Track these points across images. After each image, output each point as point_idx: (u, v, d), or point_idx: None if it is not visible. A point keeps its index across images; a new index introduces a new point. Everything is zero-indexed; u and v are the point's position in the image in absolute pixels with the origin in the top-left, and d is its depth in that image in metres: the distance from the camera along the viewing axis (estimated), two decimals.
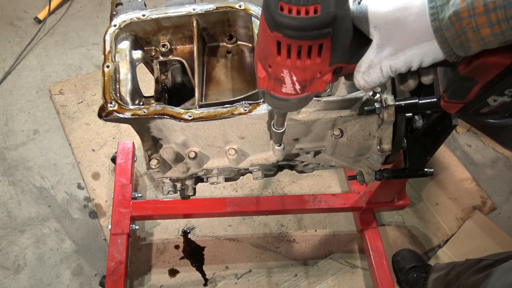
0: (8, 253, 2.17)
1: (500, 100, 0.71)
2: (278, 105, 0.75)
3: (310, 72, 0.63)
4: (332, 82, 0.72)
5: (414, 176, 1.34)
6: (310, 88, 0.67)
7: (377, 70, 0.68)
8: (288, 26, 0.56)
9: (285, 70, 0.63)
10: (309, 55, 0.60)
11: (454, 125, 1.11)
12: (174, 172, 1.28)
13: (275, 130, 1.02)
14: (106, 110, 1.07)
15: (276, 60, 0.61)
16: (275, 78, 0.66)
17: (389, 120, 1.11)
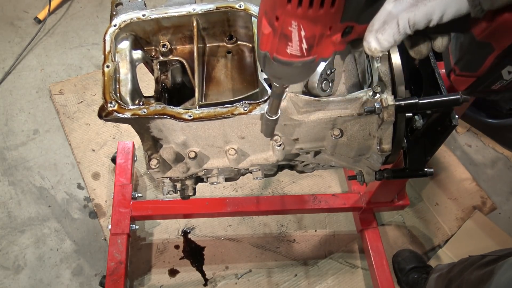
0: (8, 253, 2.17)
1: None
2: (279, 72, 0.69)
3: (321, 25, 0.58)
4: (338, 49, 0.65)
5: (414, 176, 1.34)
6: (317, 49, 0.62)
7: (394, 25, 0.61)
8: None
9: (293, 22, 0.58)
10: (322, 3, 0.55)
11: (454, 125, 1.11)
12: (174, 172, 1.28)
13: (268, 117, 0.95)
14: (106, 110, 1.07)
15: (286, 8, 0.56)
16: (281, 34, 0.60)
17: (389, 120, 1.11)
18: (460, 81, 0.69)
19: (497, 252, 1.56)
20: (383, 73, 1.15)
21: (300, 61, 0.64)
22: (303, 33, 0.59)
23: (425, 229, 2.32)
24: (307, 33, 0.59)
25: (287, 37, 0.60)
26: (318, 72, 1.21)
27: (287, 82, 0.79)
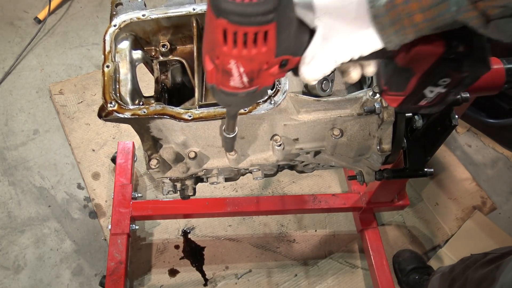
0: (8, 253, 2.17)
1: (436, 91, 0.74)
2: (227, 100, 0.74)
3: (257, 62, 0.64)
4: (279, 77, 0.72)
5: (414, 176, 1.34)
6: (257, 81, 0.68)
7: (321, 61, 0.68)
8: (233, 12, 0.56)
9: (232, 61, 0.63)
10: (255, 43, 0.60)
11: (454, 125, 1.11)
12: (174, 172, 1.28)
13: (225, 135, 1.01)
14: (106, 110, 1.07)
15: (223, 49, 0.61)
16: (222, 70, 0.65)
17: (389, 120, 1.11)
18: (391, 100, 0.78)
19: (500, 249, 1.56)
20: None
21: (244, 92, 0.69)
22: (242, 69, 0.64)
23: (425, 229, 2.32)
24: (246, 69, 0.64)
25: (228, 73, 0.65)
26: None
27: (236, 108, 0.86)
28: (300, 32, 0.68)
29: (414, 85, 0.73)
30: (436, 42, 0.65)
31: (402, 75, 0.73)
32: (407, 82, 0.73)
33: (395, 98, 0.78)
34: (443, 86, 0.72)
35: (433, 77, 0.71)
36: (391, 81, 0.75)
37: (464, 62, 0.67)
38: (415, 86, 0.74)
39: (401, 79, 0.74)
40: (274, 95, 1.09)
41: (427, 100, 0.77)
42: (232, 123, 0.97)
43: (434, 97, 0.76)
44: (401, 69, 0.71)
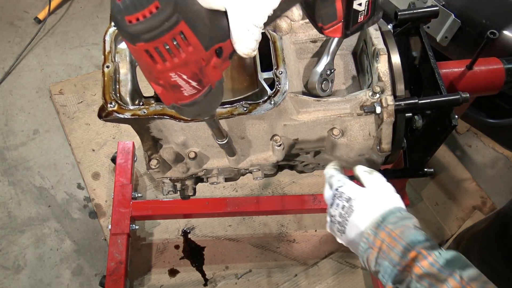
0: (8, 253, 2.17)
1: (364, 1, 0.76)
2: (194, 111, 0.76)
3: (193, 63, 0.65)
4: (224, 67, 0.74)
5: (414, 176, 1.34)
6: (206, 79, 0.69)
7: (245, 33, 0.70)
8: (143, 31, 0.59)
9: (172, 74, 0.65)
10: (179, 47, 0.62)
11: (454, 125, 1.11)
12: (174, 172, 1.28)
13: (220, 143, 1.02)
14: (106, 111, 1.07)
15: (158, 68, 0.64)
16: (170, 87, 0.67)
17: (388, 120, 1.11)
18: (332, 31, 0.80)
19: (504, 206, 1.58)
20: (383, 73, 1.15)
21: (201, 95, 0.71)
22: (185, 76, 0.66)
23: (425, 229, 2.30)
24: (188, 75, 0.66)
25: (177, 86, 0.67)
26: (318, 72, 1.21)
27: (207, 114, 0.86)
28: (216, 19, 0.69)
29: (342, 7, 0.76)
30: None
31: (326, 5, 0.75)
32: (334, 8, 0.76)
33: (334, 28, 0.80)
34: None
35: None
36: (321, 15, 0.77)
37: None
38: (344, 8, 0.76)
39: (327, 8, 0.76)
40: (274, 95, 1.09)
41: (362, 14, 0.79)
42: (217, 130, 0.97)
43: (366, 8, 0.78)
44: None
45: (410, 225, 0.85)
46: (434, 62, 1.21)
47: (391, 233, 0.83)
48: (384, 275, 0.84)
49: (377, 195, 0.92)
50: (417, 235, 0.83)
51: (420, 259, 0.79)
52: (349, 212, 0.91)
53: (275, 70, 1.12)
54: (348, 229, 0.92)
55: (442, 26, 1.78)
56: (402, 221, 0.85)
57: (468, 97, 1.08)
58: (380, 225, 0.85)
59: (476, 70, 1.33)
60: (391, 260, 0.82)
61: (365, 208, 0.90)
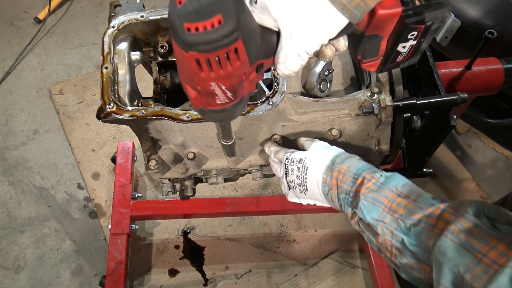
0: (8, 253, 2.17)
1: (408, 45, 0.78)
2: (219, 117, 0.78)
3: (236, 77, 0.66)
4: (258, 80, 0.75)
5: (413, 176, 1.34)
6: (241, 92, 0.71)
7: (295, 56, 0.72)
8: (200, 43, 0.59)
9: (212, 83, 0.66)
10: (229, 61, 0.63)
11: (453, 125, 1.11)
12: (173, 173, 1.28)
13: (224, 144, 1.04)
14: (105, 112, 1.07)
15: (201, 76, 0.64)
16: (206, 94, 0.68)
17: (387, 120, 1.11)
18: (370, 66, 0.83)
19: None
20: (381, 74, 1.15)
21: (231, 105, 0.72)
22: (224, 87, 0.67)
23: None
24: (227, 86, 0.67)
25: (212, 94, 0.68)
26: (317, 73, 1.21)
27: (228, 121, 0.91)
28: (267, 36, 0.71)
29: (385, 47, 0.78)
30: (393, 3, 0.70)
31: (372, 42, 0.76)
32: (379, 46, 0.78)
33: (372, 63, 0.82)
34: (413, 39, 0.76)
35: (401, 35, 0.74)
36: (364, 50, 0.78)
37: (425, 13, 0.72)
38: (387, 48, 0.78)
39: (372, 45, 0.77)
40: (272, 96, 1.09)
41: (403, 55, 0.80)
42: (227, 132, 0.99)
43: (408, 50, 0.79)
44: (369, 36, 0.75)
45: (354, 160, 1.00)
46: (433, 62, 1.21)
47: (341, 170, 0.98)
48: (344, 205, 0.99)
49: (322, 149, 1.07)
50: (361, 165, 0.97)
51: (365, 182, 0.92)
52: (304, 169, 1.04)
53: (273, 71, 1.12)
54: (309, 185, 1.04)
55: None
56: (347, 159, 1.00)
57: (466, 97, 1.08)
58: (332, 167, 1.00)
59: (475, 70, 1.33)
60: (345, 191, 0.97)
61: (316, 160, 1.03)
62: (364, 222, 0.92)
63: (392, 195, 0.88)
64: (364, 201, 0.91)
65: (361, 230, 0.97)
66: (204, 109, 0.73)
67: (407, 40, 0.76)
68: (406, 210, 0.85)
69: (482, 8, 1.74)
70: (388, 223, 0.87)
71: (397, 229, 0.85)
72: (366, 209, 0.91)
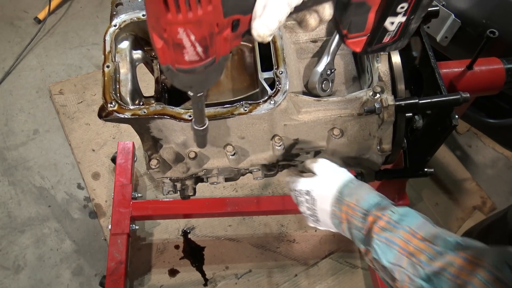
0: (8, 253, 2.17)
1: (397, 21, 0.73)
2: (188, 81, 0.71)
3: (207, 24, 0.61)
4: (235, 44, 0.68)
5: (414, 176, 1.34)
6: (213, 49, 0.65)
7: (273, 8, 0.65)
8: None
9: (180, 29, 0.60)
10: (198, 3, 0.58)
11: (454, 125, 1.11)
12: (174, 172, 1.28)
13: (195, 128, 0.91)
14: (106, 110, 1.07)
15: (168, 18, 0.58)
16: (173, 45, 0.62)
17: (389, 120, 1.11)
18: (354, 43, 0.77)
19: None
20: (383, 73, 1.15)
21: (202, 65, 0.66)
22: (193, 37, 0.61)
23: None
24: (197, 36, 0.61)
25: (180, 46, 0.62)
26: (318, 72, 1.21)
27: (199, 89, 0.79)
28: None
29: (373, 20, 0.73)
30: None
31: (359, 13, 0.71)
32: (366, 18, 0.72)
33: (358, 40, 0.77)
34: (403, 13, 0.71)
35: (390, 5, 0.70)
36: (350, 22, 0.73)
37: None
38: (375, 21, 0.73)
39: (359, 16, 0.72)
40: (275, 95, 1.09)
41: (390, 34, 0.76)
42: (200, 113, 0.88)
43: (396, 29, 0.75)
44: (357, 4, 0.70)
45: (363, 191, 0.97)
46: (435, 62, 1.21)
47: (350, 204, 0.96)
48: (356, 241, 0.95)
49: (328, 177, 1.04)
50: (370, 200, 0.94)
51: (377, 220, 0.89)
52: (312, 201, 1.03)
53: (276, 70, 1.12)
54: (320, 216, 1.03)
55: (442, 26, 1.78)
56: (355, 190, 0.98)
57: (468, 97, 1.08)
58: (340, 200, 0.98)
59: (476, 70, 1.33)
60: (356, 227, 0.94)
61: (323, 191, 1.02)
62: (379, 263, 0.88)
63: (407, 235, 0.85)
64: (378, 241, 0.88)
65: (375, 268, 0.92)
66: (171, 67, 0.67)
67: (396, 14, 0.71)
68: (425, 255, 0.81)
69: (482, 8, 1.74)
70: (406, 267, 0.83)
71: (415, 275, 0.81)
72: (381, 250, 0.87)
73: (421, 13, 0.73)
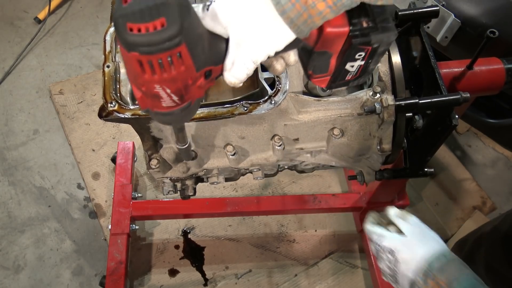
0: (8, 253, 2.17)
1: (356, 64, 0.78)
2: (166, 120, 0.77)
3: (180, 81, 0.66)
4: (208, 87, 0.74)
5: (414, 176, 1.34)
6: (188, 96, 0.70)
7: (241, 64, 0.71)
8: (141, 44, 0.59)
9: (156, 86, 0.65)
10: (172, 65, 0.62)
11: (454, 125, 1.11)
12: (174, 172, 1.28)
13: (180, 147, 1.02)
14: (107, 110, 1.07)
15: (145, 78, 0.63)
16: (151, 95, 0.68)
17: (389, 120, 1.11)
18: (319, 81, 0.84)
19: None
20: (384, 73, 1.15)
21: (178, 109, 0.71)
22: (169, 91, 0.67)
23: None
24: (172, 90, 0.67)
25: (157, 96, 0.67)
26: None
27: (177, 124, 0.88)
28: (216, 43, 0.71)
29: (335, 64, 0.78)
30: (342, 23, 0.71)
31: (322, 58, 0.77)
32: (328, 63, 0.78)
33: (322, 79, 0.82)
34: (361, 59, 0.77)
35: (348, 54, 0.75)
36: (314, 65, 0.79)
37: (371, 35, 0.72)
38: (336, 65, 0.78)
39: (322, 62, 0.78)
40: (275, 95, 1.09)
41: (351, 74, 0.81)
42: (182, 135, 0.97)
43: (356, 70, 0.80)
44: (319, 53, 0.75)
45: (456, 270, 0.89)
46: (435, 62, 1.21)
47: (439, 282, 0.88)
48: None
49: (418, 242, 0.97)
50: (464, 282, 0.86)
51: None
52: (395, 264, 0.96)
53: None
54: (400, 279, 0.96)
55: (442, 26, 1.79)
56: (448, 266, 0.90)
57: (468, 97, 1.08)
58: (428, 273, 0.90)
59: (476, 70, 1.32)
60: None
61: (409, 257, 0.94)
62: None
63: None
64: None
65: None
66: (150, 110, 0.72)
67: (355, 60, 0.77)
68: None
69: (483, 8, 1.74)
70: None
71: None
72: None
73: (377, 58, 0.79)
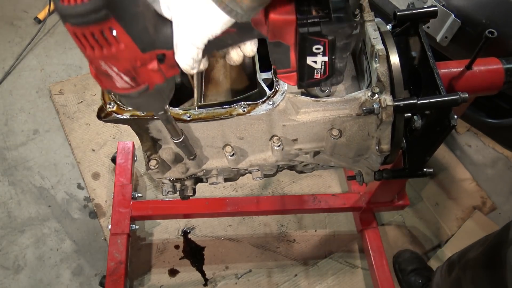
0: (8, 253, 2.17)
1: (320, 60, 0.74)
2: (133, 103, 0.76)
3: (125, 60, 0.65)
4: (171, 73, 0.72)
5: (413, 176, 1.34)
6: (141, 78, 0.69)
7: (182, 48, 0.69)
8: (70, 15, 0.59)
9: (101, 63, 0.65)
10: (108, 41, 0.62)
11: (453, 125, 1.11)
12: (174, 173, 1.28)
13: (175, 142, 1.00)
14: (105, 111, 1.07)
15: (87, 53, 0.64)
16: (101, 73, 0.67)
17: (387, 120, 1.11)
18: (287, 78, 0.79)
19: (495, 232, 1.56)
20: (382, 74, 1.15)
21: (135, 92, 0.70)
22: (115, 69, 0.66)
23: (425, 229, 2.32)
24: (119, 68, 0.66)
25: (108, 75, 0.67)
26: None
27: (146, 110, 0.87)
28: (163, 25, 0.69)
29: (295, 58, 0.75)
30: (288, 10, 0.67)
31: (280, 51, 0.73)
32: (288, 56, 0.75)
33: (288, 75, 0.79)
34: (321, 54, 0.73)
35: (303, 46, 0.71)
36: (274, 59, 0.76)
37: (321, 25, 0.67)
38: (297, 59, 0.75)
39: (281, 54, 0.75)
40: (273, 95, 1.09)
41: (319, 72, 0.77)
42: (172, 128, 0.95)
43: (323, 67, 0.76)
44: (274, 43, 0.72)
45: None
46: (433, 62, 1.21)
47: None
48: None
49: None
50: None
51: None
52: None
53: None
54: None
55: (442, 26, 1.78)
56: None
57: (467, 97, 1.08)
58: None
59: (475, 70, 1.32)
60: None
61: None
62: None
63: None
64: None
65: None
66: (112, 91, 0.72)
67: (315, 54, 0.73)
68: None
69: (482, 8, 1.74)
70: None
71: None
72: None
73: (341, 54, 0.74)
